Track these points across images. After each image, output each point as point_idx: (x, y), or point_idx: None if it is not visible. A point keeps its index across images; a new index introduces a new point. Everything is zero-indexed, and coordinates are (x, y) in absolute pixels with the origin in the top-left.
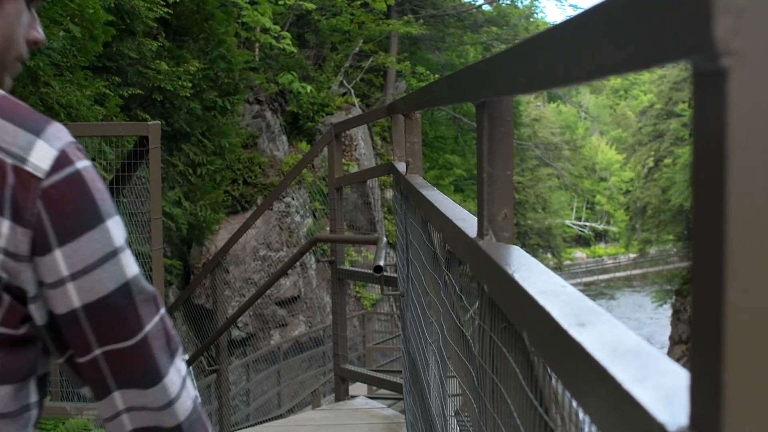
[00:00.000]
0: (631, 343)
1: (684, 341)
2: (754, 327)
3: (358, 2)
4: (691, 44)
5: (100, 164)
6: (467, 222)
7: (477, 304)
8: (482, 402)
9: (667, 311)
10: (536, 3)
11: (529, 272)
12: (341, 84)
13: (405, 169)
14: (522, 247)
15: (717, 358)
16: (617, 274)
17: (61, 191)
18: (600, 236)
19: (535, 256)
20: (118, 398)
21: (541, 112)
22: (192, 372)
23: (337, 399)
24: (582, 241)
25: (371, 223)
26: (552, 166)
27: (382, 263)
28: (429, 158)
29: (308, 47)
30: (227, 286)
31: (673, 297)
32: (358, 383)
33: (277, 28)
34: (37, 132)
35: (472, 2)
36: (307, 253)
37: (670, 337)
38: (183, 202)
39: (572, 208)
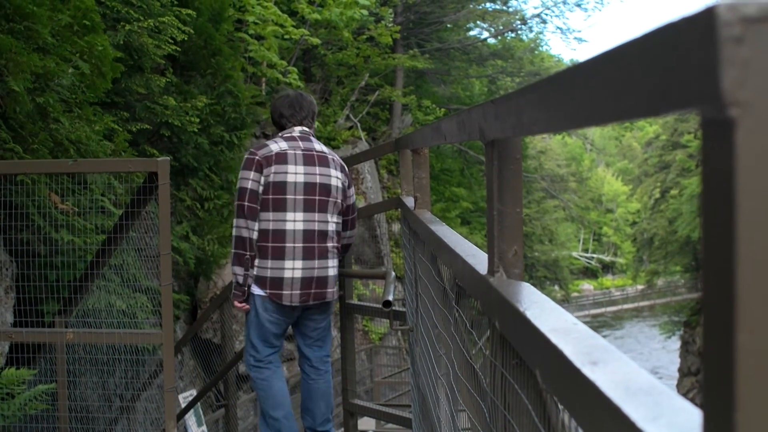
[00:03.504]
0: (644, 381)
1: (693, 373)
2: (766, 367)
3: (364, 37)
4: (698, 94)
5: (110, 199)
6: (477, 258)
7: (486, 337)
8: None
9: (675, 342)
10: (541, 36)
11: (541, 309)
12: (347, 118)
13: (413, 204)
14: (529, 280)
15: (729, 398)
16: (625, 306)
17: (349, 175)
18: (607, 268)
19: (542, 288)
20: (351, 232)
21: (546, 144)
22: (200, 407)
23: None
24: (589, 272)
25: (378, 256)
26: (558, 198)
27: (391, 298)
28: (435, 191)
29: (314, 81)
30: (235, 321)
31: (682, 329)
32: (366, 418)
33: (284, 63)
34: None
35: (477, 36)
36: None
37: (680, 369)
38: (191, 237)
39: (579, 240)
